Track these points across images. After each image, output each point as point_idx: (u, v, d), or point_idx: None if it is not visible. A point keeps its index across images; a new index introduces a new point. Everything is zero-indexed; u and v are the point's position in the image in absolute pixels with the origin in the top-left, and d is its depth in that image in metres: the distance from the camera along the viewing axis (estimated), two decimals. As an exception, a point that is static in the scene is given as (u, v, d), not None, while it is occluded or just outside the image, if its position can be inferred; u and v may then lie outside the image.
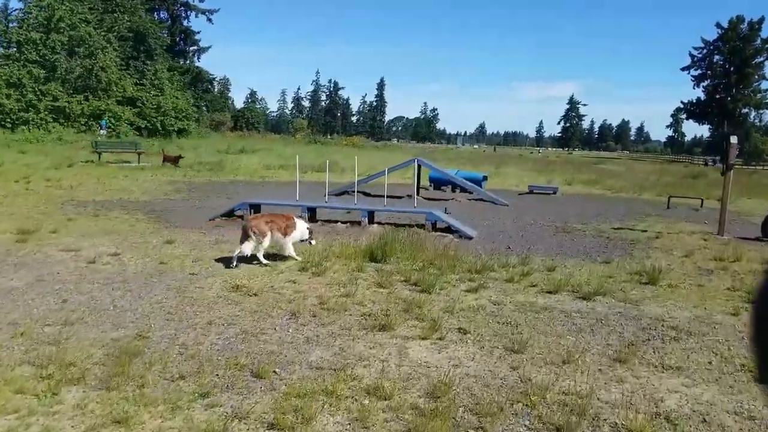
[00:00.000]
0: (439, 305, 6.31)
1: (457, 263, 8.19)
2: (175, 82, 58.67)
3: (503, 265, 8.23)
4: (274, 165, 28.29)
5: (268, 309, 6.04)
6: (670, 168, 52.80)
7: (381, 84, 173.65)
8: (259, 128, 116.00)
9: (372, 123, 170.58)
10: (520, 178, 28.59)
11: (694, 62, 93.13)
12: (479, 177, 20.51)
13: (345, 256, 8.41)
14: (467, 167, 37.34)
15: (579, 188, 24.10)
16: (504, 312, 6.17)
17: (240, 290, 6.62)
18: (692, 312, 6.37)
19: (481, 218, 13.69)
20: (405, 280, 7.23)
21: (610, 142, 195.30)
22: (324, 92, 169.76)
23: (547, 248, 10.01)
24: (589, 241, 10.82)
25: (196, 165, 25.75)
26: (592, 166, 47.44)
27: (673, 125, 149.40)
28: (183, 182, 19.51)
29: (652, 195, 21.64)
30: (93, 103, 46.43)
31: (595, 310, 6.33)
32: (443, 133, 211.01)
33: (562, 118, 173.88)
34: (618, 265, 8.58)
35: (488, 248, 9.85)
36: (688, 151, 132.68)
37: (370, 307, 6.16)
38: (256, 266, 7.82)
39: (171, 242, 9.28)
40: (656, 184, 25.86)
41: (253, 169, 26.23)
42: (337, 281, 7.14)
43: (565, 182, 26.55)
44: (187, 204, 14.42)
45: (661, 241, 10.92)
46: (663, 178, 31.01)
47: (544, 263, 8.61)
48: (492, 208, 15.84)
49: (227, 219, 11.93)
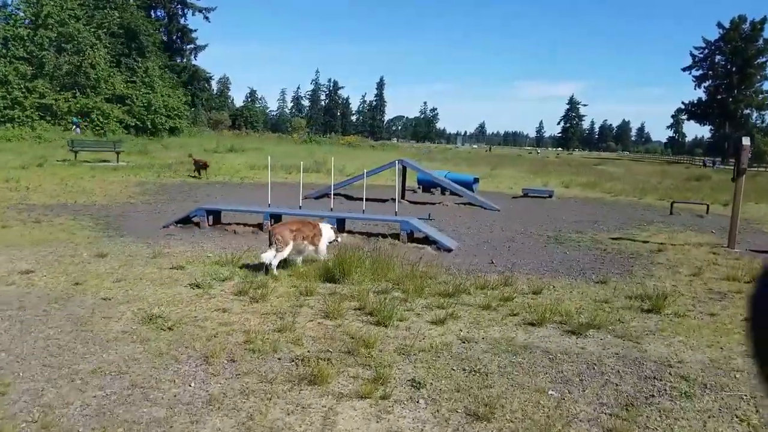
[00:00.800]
0: (394, 343, 5.12)
1: (428, 284, 7.00)
2: (167, 80, 57.41)
3: (481, 287, 7.03)
4: (260, 165, 27.08)
5: (179, 350, 4.85)
6: (671, 169, 51.59)
7: (381, 83, 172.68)
8: (257, 127, 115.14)
9: (371, 122, 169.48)
10: (516, 180, 27.40)
11: (696, 62, 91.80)
12: (470, 179, 19.31)
13: (297, 274, 7.22)
14: (462, 167, 36.18)
15: (576, 191, 22.90)
16: (473, 354, 4.97)
17: (154, 322, 5.43)
18: (706, 353, 5.16)
19: (467, 225, 12.49)
20: (360, 308, 6.03)
21: (611, 142, 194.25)
22: (323, 91, 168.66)
23: (535, 263, 8.81)
24: (584, 255, 9.61)
25: (175, 165, 24.55)
26: (591, 168, 46.25)
27: (674, 126, 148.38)
28: (154, 184, 18.31)
29: (654, 199, 20.43)
30: (81, 101, 45.17)
31: (586, 351, 5.13)
32: (443, 133, 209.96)
33: (562, 119, 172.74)
34: (615, 287, 7.37)
35: (468, 263, 8.66)
36: (689, 152, 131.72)
37: (306, 347, 4.96)
38: (187, 289, 6.62)
39: (103, 256, 8.09)
40: (658, 188, 24.65)
41: (236, 169, 25.04)
42: (276, 309, 5.94)
43: (563, 185, 25.36)
44: (147, 209, 13.22)
45: (665, 255, 9.70)
46: (664, 181, 29.80)
47: (529, 283, 7.41)
48: (481, 214, 14.64)
49: (182, 227, 10.73)
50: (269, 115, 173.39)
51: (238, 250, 8.86)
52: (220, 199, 15.30)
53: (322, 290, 6.68)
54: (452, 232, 11.50)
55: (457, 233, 11.37)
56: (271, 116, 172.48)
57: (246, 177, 22.38)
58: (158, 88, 51.90)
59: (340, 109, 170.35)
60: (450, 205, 15.91)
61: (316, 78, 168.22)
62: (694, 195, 21.13)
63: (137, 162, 25.73)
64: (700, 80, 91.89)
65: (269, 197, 14.01)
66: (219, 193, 16.93)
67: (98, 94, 46.59)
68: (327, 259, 7.66)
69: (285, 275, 7.25)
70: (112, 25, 51.97)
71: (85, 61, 46.56)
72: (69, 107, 44.45)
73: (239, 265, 7.71)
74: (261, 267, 7.44)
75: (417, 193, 18.87)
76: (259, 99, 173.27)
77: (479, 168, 35.68)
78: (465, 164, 40.17)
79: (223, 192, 17.25)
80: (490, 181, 25.96)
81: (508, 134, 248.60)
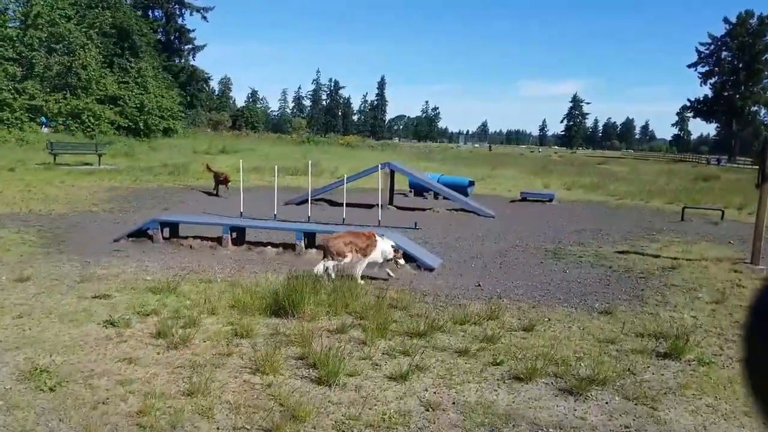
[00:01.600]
0: (335, 414, 3.91)
1: (396, 318, 5.80)
2: (161, 81, 56.28)
3: (461, 321, 5.82)
4: (248, 168, 25.84)
5: (50, 423, 3.66)
6: (678, 168, 50.23)
7: (382, 82, 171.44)
8: (258, 128, 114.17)
9: (373, 122, 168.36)
10: (516, 181, 26.15)
11: (701, 59, 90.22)
12: (464, 182, 18.09)
13: (240, 305, 6.02)
14: (461, 168, 34.94)
15: (579, 194, 21.64)
16: (437, 429, 3.77)
17: (36, 378, 4.24)
18: (744, 426, 3.94)
19: (457, 236, 11.28)
20: (302, 357, 4.82)
21: (615, 140, 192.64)
22: (324, 91, 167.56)
23: (529, 285, 7.59)
24: (586, 274, 8.38)
25: (158, 168, 23.38)
26: (595, 167, 44.95)
27: (679, 123, 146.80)
28: (127, 189, 17.13)
29: (662, 202, 19.17)
30: (71, 102, 44.06)
31: (586, 423, 3.91)
32: (445, 132, 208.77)
33: (566, 117, 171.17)
34: (624, 320, 6.15)
35: (451, 285, 7.46)
36: (694, 150, 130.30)
37: (217, 422, 3.76)
38: (99, 328, 5.42)
39: (24, 280, 6.90)
40: (665, 189, 23.36)
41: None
42: (197, 359, 4.73)
43: (564, 186, 24.11)
44: (107, 218, 12.04)
45: (680, 274, 8.46)
46: (672, 181, 28.48)
47: (520, 314, 6.20)
48: (474, 222, 13.43)
49: (134, 240, 9.55)
50: (270, 116, 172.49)
51: (185, 270, 7.70)
52: (176, 210, 14.13)
53: (263, 328, 5.48)
54: (438, 244, 10.30)
55: (443, 246, 10.16)
56: (273, 116, 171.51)
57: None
58: (151, 88, 50.78)
59: (342, 109, 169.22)
60: (441, 212, 14.70)
61: (317, 78, 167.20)
62: (705, 198, 19.86)
63: (120, 164, 24.59)
64: (706, 77, 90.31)
65: (242, 205, 12.87)
66: (193, 199, 15.76)
67: (89, 95, 45.47)
68: (356, 278, 7.34)
69: (225, 306, 6.06)
70: (104, 25, 50.86)
71: (75, 61, 45.49)
72: (59, 108, 43.36)
73: (177, 291, 6.51)
74: (201, 294, 6.27)
75: (409, 197, 17.69)
76: (260, 99, 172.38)
77: (479, 168, 34.45)
78: (464, 165, 38.95)
79: (198, 198, 16.07)
80: (488, 182, 24.74)
81: (510, 133, 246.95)
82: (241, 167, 14.03)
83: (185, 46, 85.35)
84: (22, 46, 43.62)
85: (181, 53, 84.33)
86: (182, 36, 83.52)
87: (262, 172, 24.41)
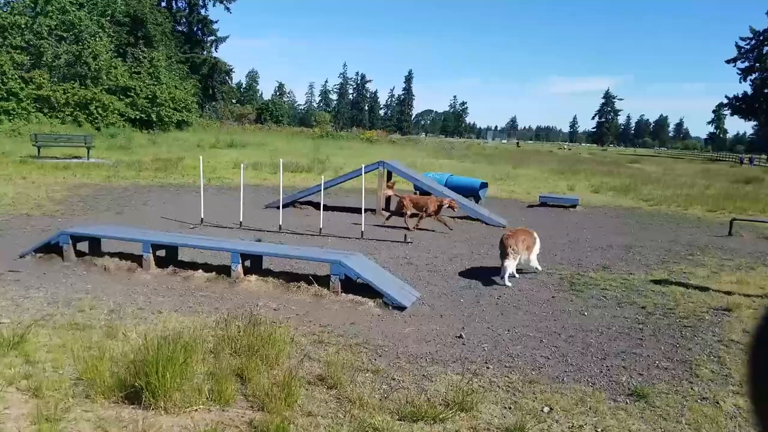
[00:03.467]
0: None
1: (311, 409, 3.77)
2: (176, 71, 54.90)
3: (412, 415, 3.77)
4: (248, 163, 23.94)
5: None
6: (715, 168, 47.21)
7: (409, 76, 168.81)
8: (282, 121, 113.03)
9: (399, 117, 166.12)
10: (538, 182, 23.86)
11: (741, 54, 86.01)
12: (476, 184, 15.91)
13: (87, 376, 4.03)
14: (482, 166, 32.67)
15: (607, 198, 19.30)
16: None
17: None
18: None
19: (451, 254, 9.19)
20: None
21: (647, 138, 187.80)
22: (351, 85, 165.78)
23: (531, 338, 5.49)
24: (611, 319, 6.22)
25: (148, 163, 21.61)
26: (625, 167, 42.25)
27: (715, 121, 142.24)
28: (94, 187, 15.30)
29: (703, 210, 16.77)
30: (79, 92, 42.71)
31: None
32: (473, 128, 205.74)
33: (597, 113, 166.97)
34: (664, 412, 4.03)
35: (423, 335, 5.41)
36: (730, 149, 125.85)
37: None
38: None
39: None
40: (705, 195, 20.87)
41: (214, 168, 21.95)
42: None
43: (591, 188, 21.77)
44: (39, 224, 10.16)
45: (740, 320, 6.25)
46: (712, 184, 25.79)
47: (507, 400, 4.12)
48: (479, 232, 11.30)
49: (43, 256, 7.64)
50: (297, 109, 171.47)
51: (70, 305, 5.77)
52: (132, 214, 12.27)
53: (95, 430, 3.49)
54: (425, 266, 8.22)
55: (430, 269, 8.08)
56: (300, 110, 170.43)
57: (220, 177, 19.30)
58: (164, 79, 49.33)
59: (368, 103, 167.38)
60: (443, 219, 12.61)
61: (343, 71, 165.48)
62: (753, 205, 17.42)
63: (112, 158, 22.89)
64: (746, 73, 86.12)
65: (202, 210, 10.95)
66: (160, 200, 13.86)
67: (98, 86, 44.12)
68: (539, 270, 8.11)
69: (68, 378, 4.08)
70: (116, 13, 49.62)
71: (85, 50, 44.21)
72: (67, 99, 42.06)
73: (21, 347, 4.57)
74: (53, 352, 4.32)
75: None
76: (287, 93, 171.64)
77: (499, 167, 32.16)
78: (485, 162, 36.67)
79: (168, 199, 14.17)
80: (506, 183, 22.50)
81: (540, 129, 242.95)
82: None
83: (208, 37, 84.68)
84: (30, 34, 42.53)
85: (204, 44, 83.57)
86: (205, 27, 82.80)
87: (261, 169, 22.51)
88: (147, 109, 46.96)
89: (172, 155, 24.25)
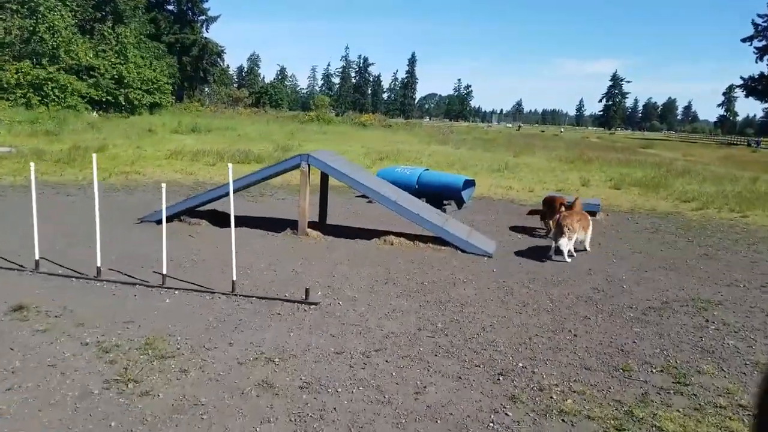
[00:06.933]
0: None
1: None
2: (148, 50, 50.35)
3: None
4: (188, 151, 19.63)
5: None
6: (738, 154, 42.69)
7: (412, 59, 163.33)
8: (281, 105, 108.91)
9: (402, 100, 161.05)
10: (544, 174, 19.45)
11: (758, 32, 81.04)
12: (457, 184, 11.51)
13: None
14: (478, 153, 28.21)
15: (634, 197, 14.92)
16: None
17: None
18: None
19: (376, 342, 4.84)
20: None
21: (655, 121, 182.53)
22: (353, 69, 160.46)
23: None
24: None
25: (60, 153, 17.20)
26: (640, 153, 37.73)
27: (725, 104, 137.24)
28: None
29: (766, 215, 12.45)
30: (33, 72, 38.27)
31: None
32: (478, 111, 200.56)
33: (604, 96, 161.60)
34: None
35: None
36: (740, 132, 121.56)
37: None
38: None
39: None
40: (757, 191, 16.44)
41: (143, 158, 17.58)
42: None
43: (611, 183, 17.39)
44: None
45: None
46: (758, 176, 21.17)
47: None
48: (444, 272, 6.97)
49: None
50: (300, 94, 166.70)
51: None
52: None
53: None
54: (298, 391, 3.92)
55: (309, 401, 3.79)
56: (302, 95, 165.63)
57: (138, 171, 14.95)
58: (132, 57, 44.84)
59: (371, 87, 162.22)
60: (397, 244, 8.23)
61: (346, 54, 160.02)
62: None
63: (28, 146, 18.56)
64: (762, 52, 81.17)
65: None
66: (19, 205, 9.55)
67: (54, 64, 39.66)
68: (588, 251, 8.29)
69: None
70: (80, -15, 45.04)
71: (41, 25, 39.71)
72: (18, 80, 37.64)
73: None
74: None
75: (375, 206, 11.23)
76: (289, 77, 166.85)
77: (499, 154, 27.71)
78: (483, 149, 32.16)
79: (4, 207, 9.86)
80: (504, 177, 18.11)
81: (546, 112, 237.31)
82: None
83: (198, 17, 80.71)
84: (-23, 7, 38.14)
85: (194, 25, 79.56)
86: (195, 6, 78.80)
87: (200, 159, 18.16)
88: (113, 90, 42.61)
89: (98, 144, 19.88)
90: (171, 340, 4.27)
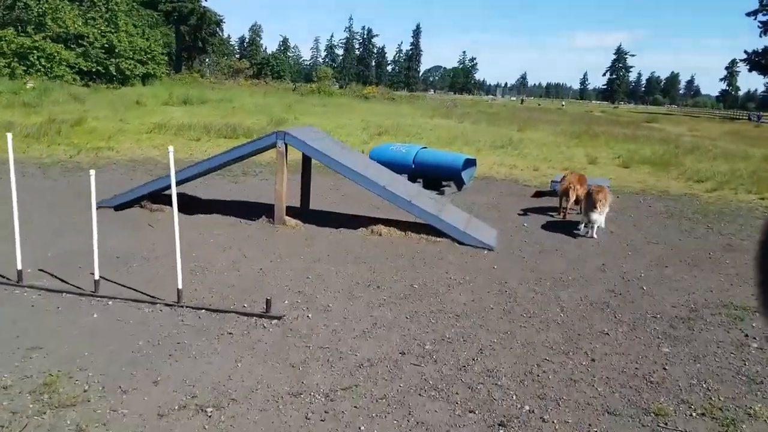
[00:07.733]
0: None
1: None
2: (141, 17, 48.81)
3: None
4: (174, 125, 18.56)
5: None
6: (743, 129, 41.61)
7: (417, 31, 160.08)
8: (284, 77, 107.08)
9: (407, 73, 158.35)
10: (549, 150, 18.43)
11: (763, 6, 78.82)
12: (457, 163, 10.54)
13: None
14: (482, 127, 27.11)
15: (643, 176, 13.96)
16: None
17: None
18: None
19: (354, 368, 3.96)
20: None
21: (658, 95, 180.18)
22: (357, 40, 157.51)
23: None
24: None
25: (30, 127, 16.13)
26: (645, 127, 36.56)
27: (727, 78, 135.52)
28: None
29: (790, 199, 11.50)
30: (17, 40, 36.83)
31: None
32: (482, 84, 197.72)
33: (608, 70, 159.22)
34: None
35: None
36: (741, 107, 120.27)
37: None
38: None
39: None
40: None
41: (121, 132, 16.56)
42: None
43: (619, 161, 16.39)
44: None
45: None
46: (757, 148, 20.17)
47: None
48: (439, 271, 6.05)
49: None
50: (303, 65, 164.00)
51: None
52: None
53: None
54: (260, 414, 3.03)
55: None
56: (305, 66, 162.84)
57: (111, 147, 13.96)
58: (123, 26, 43.38)
59: (375, 59, 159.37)
60: (386, 235, 7.29)
61: (349, 25, 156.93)
62: None
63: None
64: (767, 26, 79.23)
65: None
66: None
67: (39, 32, 38.23)
68: None
69: None
70: (68, -51, 43.31)
71: (25, -10, 38.25)
72: (2, 48, 36.26)
73: None
74: None
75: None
76: (292, 48, 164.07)
77: (503, 129, 26.59)
78: (487, 123, 31.00)
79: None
80: (508, 153, 17.10)
81: (550, 86, 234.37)
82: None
83: (196, -17, 78.97)
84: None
85: (191, -8, 77.78)
86: (191, -27, 76.95)
87: (184, 135, 17.13)
88: (103, 60, 41.24)
89: (76, 116, 18.79)
90: (80, 378, 3.36)
